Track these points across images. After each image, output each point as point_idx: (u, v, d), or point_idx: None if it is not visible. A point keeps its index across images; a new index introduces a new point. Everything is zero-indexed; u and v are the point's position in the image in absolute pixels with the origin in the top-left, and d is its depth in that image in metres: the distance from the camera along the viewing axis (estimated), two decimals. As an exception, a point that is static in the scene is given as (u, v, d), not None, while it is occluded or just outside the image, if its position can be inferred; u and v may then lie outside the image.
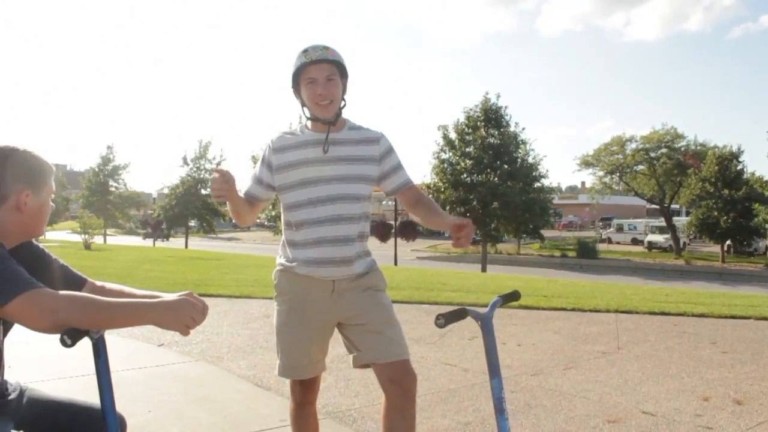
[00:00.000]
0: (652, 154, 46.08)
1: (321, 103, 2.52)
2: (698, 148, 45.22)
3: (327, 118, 2.55)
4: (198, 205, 43.38)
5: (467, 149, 34.65)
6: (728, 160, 39.56)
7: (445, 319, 2.10)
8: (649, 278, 30.20)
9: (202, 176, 43.19)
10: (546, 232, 38.80)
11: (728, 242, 40.39)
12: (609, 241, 52.03)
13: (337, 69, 2.55)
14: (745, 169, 40.16)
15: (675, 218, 48.62)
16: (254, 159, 34.80)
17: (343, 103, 2.61)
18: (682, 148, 45.54)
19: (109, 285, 1.94)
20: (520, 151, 34.59)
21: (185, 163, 43.35)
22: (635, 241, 51.29)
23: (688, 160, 43.32)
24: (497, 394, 2.14)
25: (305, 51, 2.55)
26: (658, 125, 55.18)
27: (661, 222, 49.00)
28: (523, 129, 35.88)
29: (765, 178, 25.89)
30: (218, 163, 42.61)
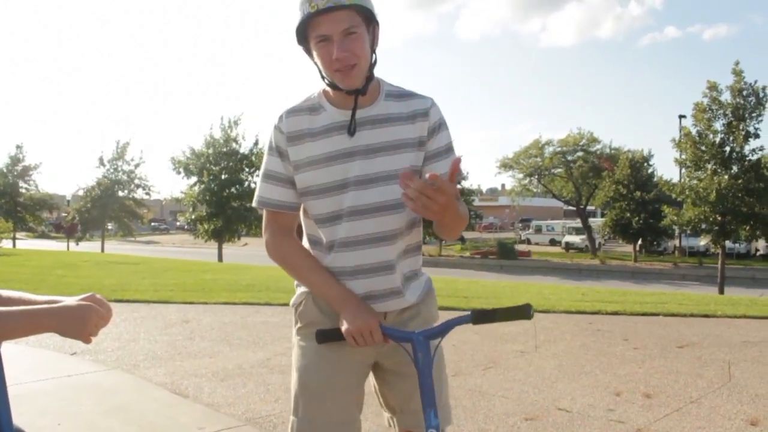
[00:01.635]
0: (569, 158, 47.11)
1: (340, 68, 1.87)
2: (612, 151, 46.88)
3: (351, 86, 1.89)
4: (115, 208, 41.97)
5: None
6: (640, 164, 41.03)
7: (323, 336, 1.88)
8: (566, 278, 31.07)
9: (119, 177, 41.79)
10: (467, 234, 39.49)
11: (640, 242, 41.84)
12: (528, 242, 53.01)
13: (360, 15, 1.87)
14: (655, 172, 41.62)
15: (591, 219, 49.80)
16: (175, 162, 33.85)
17: (373, 58, 1.93)
18: (597, 152, 46.71)
19: (5, 293, 1.71)
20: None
21: (101, 164, 41.78)
22: (553, 242, 52.36)
23: (603, 163, 44.50)
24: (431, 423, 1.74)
25: None
26: (575, 129, 56.98)
27: (577, 223, 50.20)
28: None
29: (673, 180, 27.19)
30: (137, 165, 41.41)
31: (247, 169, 34.01)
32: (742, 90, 23.40)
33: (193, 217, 34.16)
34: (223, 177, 33.30)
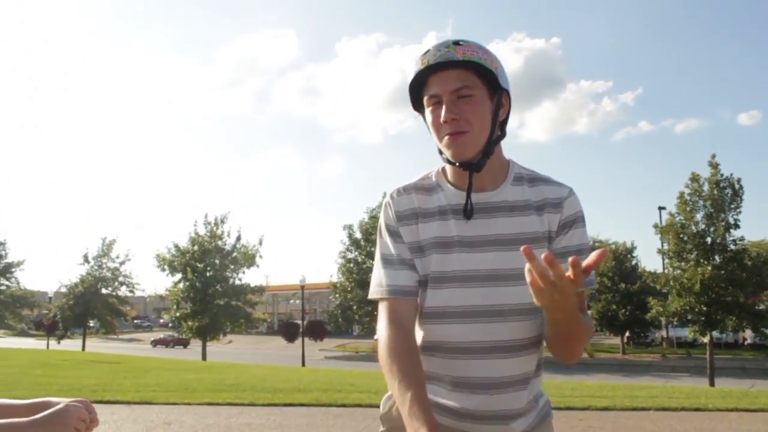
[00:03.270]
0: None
1: (447, 134, 1.65)
2: (596, 244, 47.21)
3: (460, 157, 1.66)
4: (98, 305, 41.26)
5: (372, 248, 35.31)
6: (623, 256, 41.37)
7: None
8: (555, 372, 30.53)
9: (103, 275, 41.39)
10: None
11: (627, 334, 41.48)
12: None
13: (478, 76, 1.66)
14: (638, 263, 41.98)
15: (577, 312, 49.62)
16: (160, 259, 33.60)
17: (495, 134, 1.70)
18: (581, 244, 47.33)
19: None
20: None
21: (86, 261, 41.51)
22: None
23: (587, 255, 44.90)
24: None
25: (425, 53, 1.70)
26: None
27: (564, 315, 50.03)
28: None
29: (656, 271, 27.42)
30: (122, 263, 41.06)
31: (231, 267, 33.67)
32: (719, 182, 23.87)
33: (177, 314, 33.61)
34: (207, 274, 33.08)
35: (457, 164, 1.66)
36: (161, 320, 77.70)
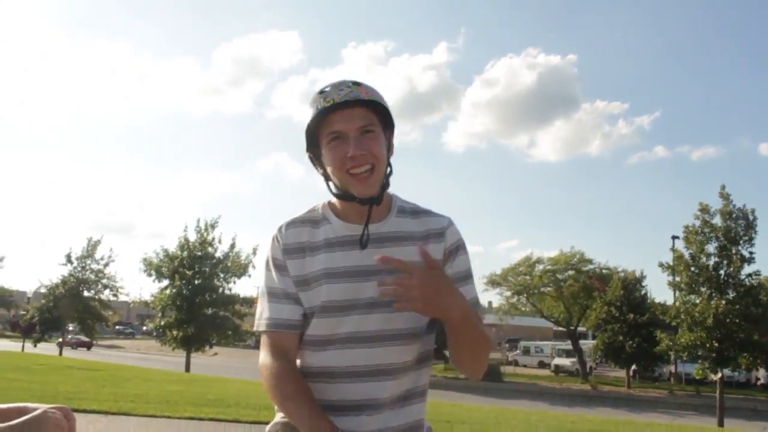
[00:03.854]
0: (559, 276, 47.05)
1: (355, 171, 1.77)
2: (604, 271, 46.91)
3: (365, 193, 1.79)
4: (80, 308, 40.69)
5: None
6: (632, 285, 40.95)
7: None
8: (555, 403, 30.44)
9: (86, 276, 40.84)
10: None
11: (633, 367, 41.13)
12: (515, 363, 52.17)
13: (377, 115, 1.82)
14: (648, 294, 41.63)
15: (582, 341, 49.40)
16: (147, 263, 33.23)
17: (388, 169, 1.86)
18: (589, 272, 46.58)
19: None
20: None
21: (69, 261, 40.85)
22: (542, 365, 51.73)
23: (594, 283, 44.57)
24: None
25: (322, 91, 1.81)
26: (564, 247, 57.27)
27: (568, 345, 49.67)
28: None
29: (667, 303, 27.25)
30: (106, 264, 40.62)
31: (222, 275, 33.26)
32: (731, 213, 23.67)
33: (162, 322, 33.21)
34: (196, 282, 32.70)
35: (359, 200, 1.78)
36: (144, 327, 77.17)
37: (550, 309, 50.18)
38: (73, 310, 40.82)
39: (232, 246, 33.83)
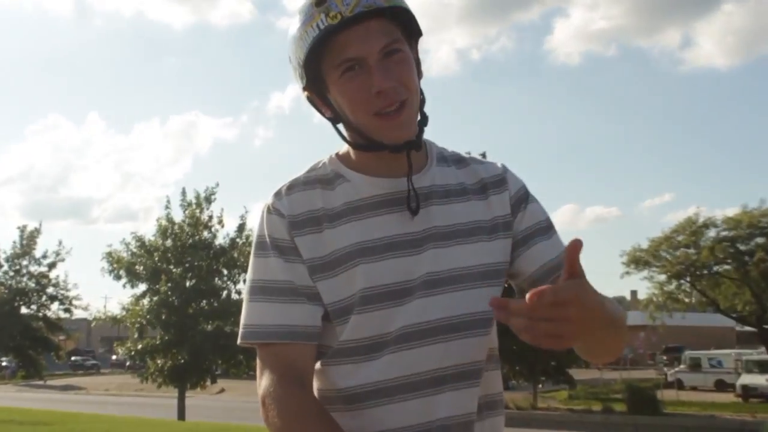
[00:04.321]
0: (742, 247, 45.66)
1: (385, 110, 1.82)
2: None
3: (400, 138, 1.87)
4: (16, 333, 40.27)
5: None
6: None
7: None
8: None
9: (23, 285, 40.89)
10: (577, 372, 38.07)
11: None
12: (679, 385, 50.53)
13: (400, 26, 1.88)
14: None
15: (784, 347, 49.27)
16: (112, 259, 32.95)
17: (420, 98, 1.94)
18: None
19: None
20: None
21: (-6, 263, 42.28)
22: (721, 385, 50.44)
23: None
24: None
25: (318, 2, 1.81)
26: (750, 201, 55.54)
27: (762, 354, 48.24)
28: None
29: None
30: (52, 265, 40.49)
31: (225, 272, 33.40)
32: None
33: (139, 347, 32.84)
34: (188, 284, 32.65)
35: (390, 149, 1.86)
36: (114, 357, 77.90)
37: (729, 298, 48.71)
38: (5, 335, 40.19)
39: (241, 227, 34.01)
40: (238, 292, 33.25)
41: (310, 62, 1.86)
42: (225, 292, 33.20)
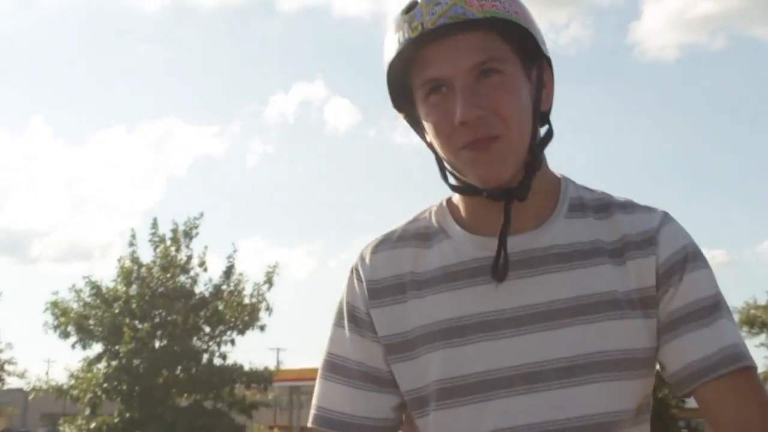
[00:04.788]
0: None
1: (467, 144, 1.82)
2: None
3: (490, 181, 1.84)
4: None
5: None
6: None
7: None
8: None
9: None
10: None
11: None
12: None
13: (506, 40, 1.85)
14: None
15: None
16: (59, 311, 31.31)
17: (540, 133, 1.94)
18: None
19: None
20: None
21: None
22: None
23: None
24: None
25: (409, 9, 1.84)
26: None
27: None
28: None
29: None
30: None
31: (207, 329, 32.36)
32: None
33: (92, 426, 31.07)
34: (158, 344, 31.20)
35: (485, 193, 1.87)
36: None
37: None
38: None
39: (228, 271, 33.06)
40: (223, 356, 32.41)
41: (396, 80, 1.92)
42: (206, 356, 32.16)
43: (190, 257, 32.54)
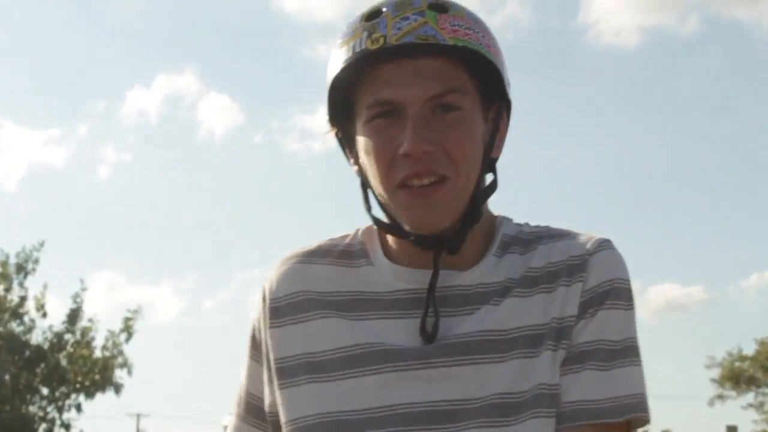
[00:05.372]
0: None
1: (412, 183, 1.73)
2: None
3: (424, 227, 1.76)
4: None
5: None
6: None
7: None
8: None
9: None
10: None
11: None
12: None
13: (470, 75, 1.78)
14: None
15: None
16: None
17: (485, 181, 1.88)
18: None
19: None
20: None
21: None
22: None
23: None
24: None
25: (371, 15, 1.79)
26: None
27: None
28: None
29: None
30: None
31: (45, 390, 28.89)
32: None
33: None
34: None
35: (414, 238, 1.80)
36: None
37: None
38: None
39: (73, 315, 30.44)
40: (66, 426, 29.26)
41: (339, 93, 1.84)
42: (44, 427, 28.62)
43: (23, 298, 30.43)
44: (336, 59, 1.82)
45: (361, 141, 1.80)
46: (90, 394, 29.76)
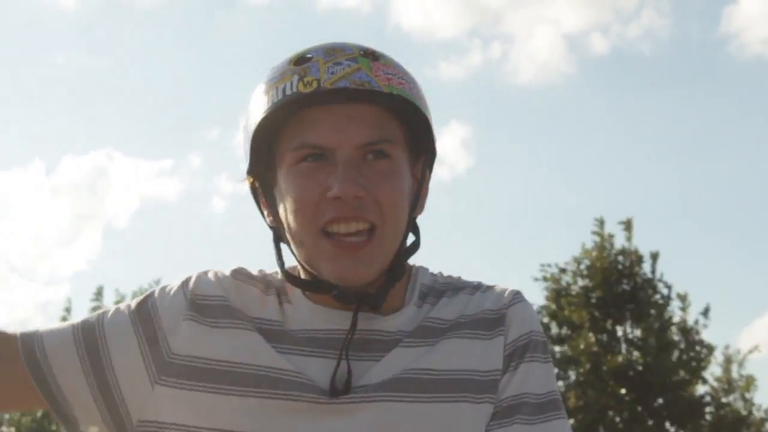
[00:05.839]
0: None
1: (336, 229, 1.55)
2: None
3: (349, 280, 1.55)
4: None
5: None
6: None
7: None
8: None
9: None
10: None
11: None
12: None
13: (402, 125, 1.62)
14: None
15: None
16: None
17: (410, 237, 1.67)
18: None
19: None
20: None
21: None
22: None
23: None
24: None
25: (301, 59, 1.59)
26: None
27: None
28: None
29: None
30: None
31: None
32: None
33: None
34: None
35: (336, 292, 1.58)
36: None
37: None
38: None
39: None
40: None
41: (262, 138, 1.58)
42: None
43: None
44: (260, 102, 1.56)
45: (284, 186, 1.56)
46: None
